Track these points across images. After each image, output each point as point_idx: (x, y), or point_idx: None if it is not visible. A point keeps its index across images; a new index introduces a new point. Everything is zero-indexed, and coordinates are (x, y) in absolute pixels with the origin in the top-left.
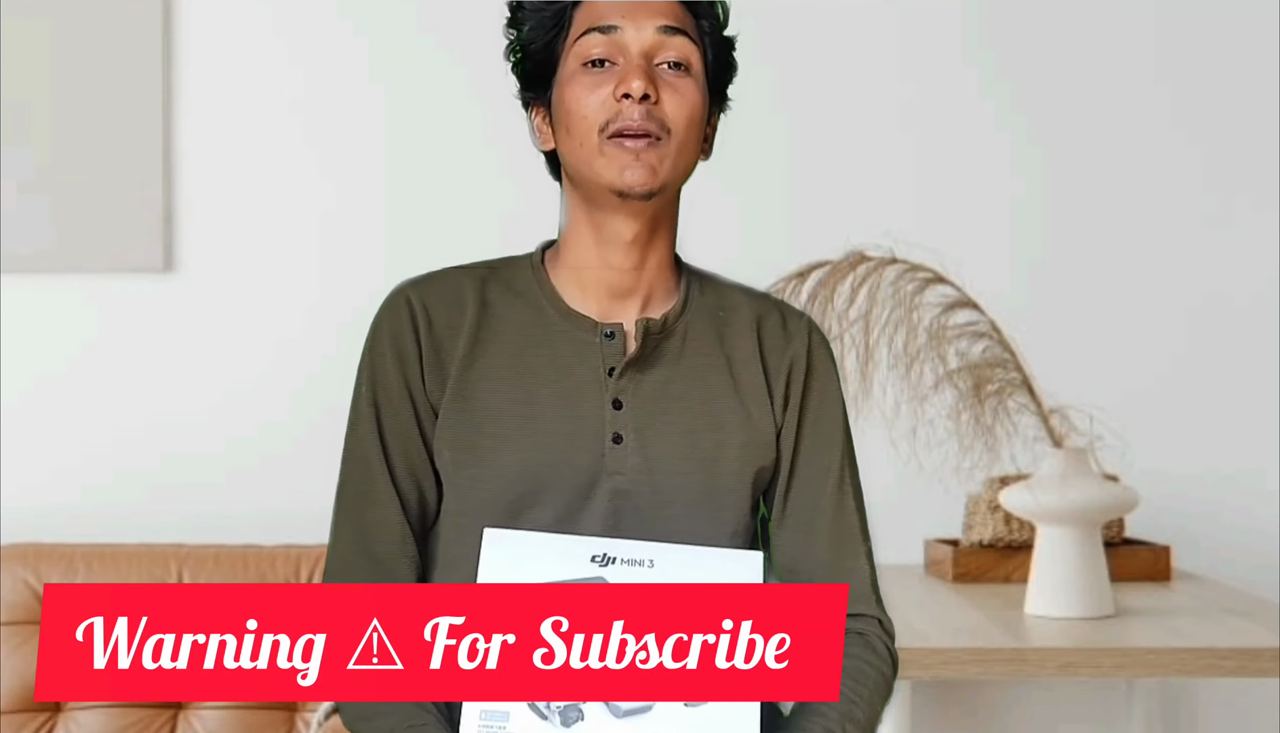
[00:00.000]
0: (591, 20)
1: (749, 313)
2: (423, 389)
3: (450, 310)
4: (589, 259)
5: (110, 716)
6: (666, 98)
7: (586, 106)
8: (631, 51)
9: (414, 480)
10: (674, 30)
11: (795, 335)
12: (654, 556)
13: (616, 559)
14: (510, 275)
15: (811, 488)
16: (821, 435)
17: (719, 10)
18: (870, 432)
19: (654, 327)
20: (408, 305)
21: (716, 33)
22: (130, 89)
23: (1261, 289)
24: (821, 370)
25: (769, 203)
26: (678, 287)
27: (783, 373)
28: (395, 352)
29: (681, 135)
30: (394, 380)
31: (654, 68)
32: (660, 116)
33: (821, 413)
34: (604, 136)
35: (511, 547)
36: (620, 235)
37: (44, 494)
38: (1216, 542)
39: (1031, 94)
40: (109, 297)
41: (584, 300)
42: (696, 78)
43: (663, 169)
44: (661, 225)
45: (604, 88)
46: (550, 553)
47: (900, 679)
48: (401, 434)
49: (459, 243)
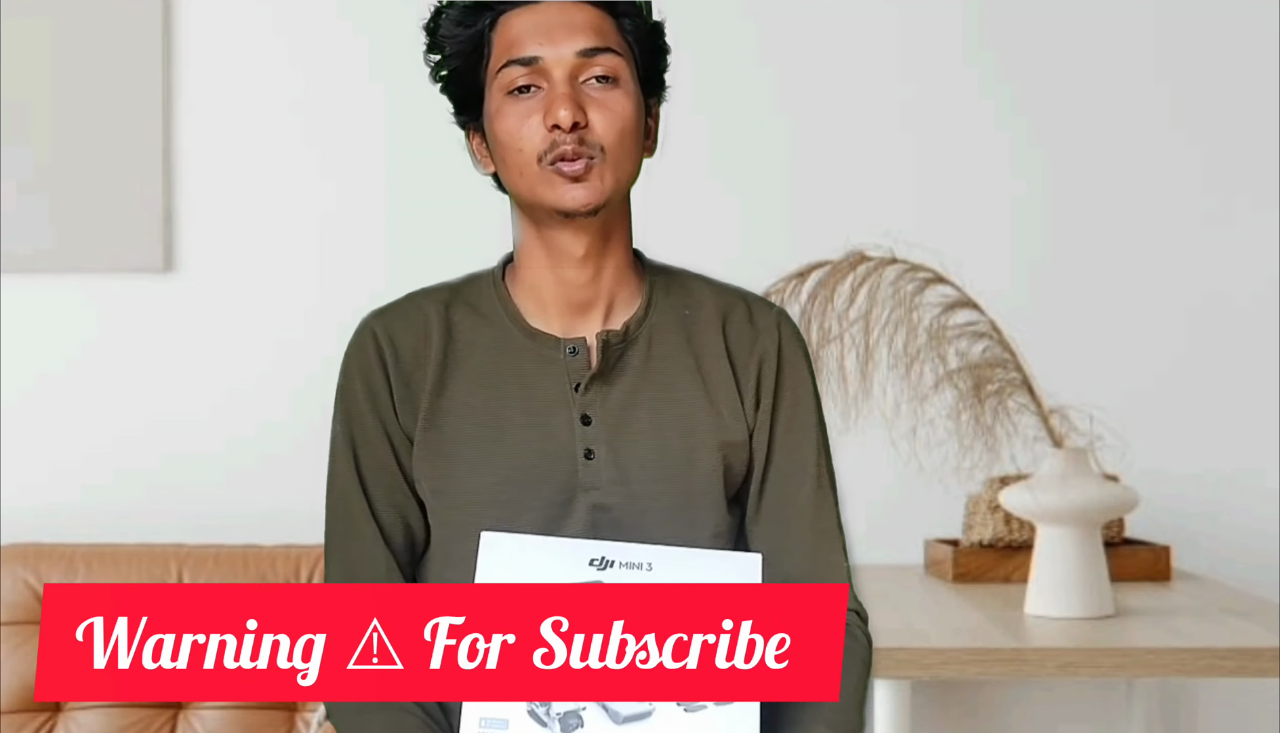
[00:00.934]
0: (510, 51)
1: (714, 309)
2: (396, 423)
3: (416, 340)
4: (544, 277)
5: (110, 716)
6: (596, 118)
7: (520, 140)
8: (555, 77)
9: (397, 513)
10: (596, 50)
11: (764, 331)
12: (652, 559)
13: (615, 563)
14: (473, 296)
15: (788, 486)
16: (796, 433)
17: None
18: (870, 432)
19: (613, 338)
20: (374, 340)
21: (642, 28)
22: (130, 89)
23: (1261, 289)
24: (792, 365)
25: (769, 203)
26: (640, 290)
27: (752, 371)
28: (366, 388)
29: (616, 150)
30: (368, 417)
31: (580, 86)
32: (593, 139)
33: (795, 412)
34: (542, 165)
35: (508, 550)
36: (571, 252)
37: (44, 494)
38: (1216, 542)
39: (1031, 94)
40: (109, 297)
41: (545, 317)
42: (626, 85)
43: (604, 185)
44: (614, 234)
45: (533, 117)
46: (547, 557)
47: (900, 679)
48: (380, 469)
49: (459, 243)
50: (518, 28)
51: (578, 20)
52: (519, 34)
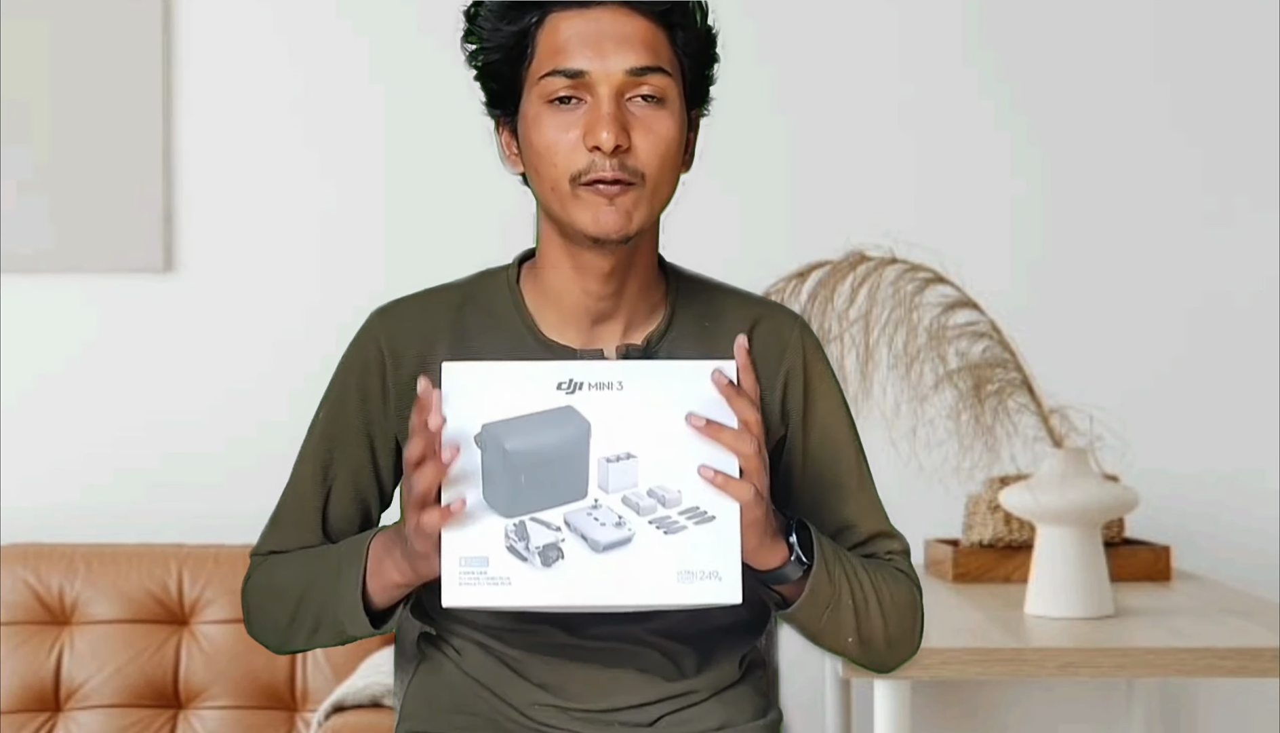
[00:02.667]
0: (556, 58)
1: (738, 321)
2: (386, 429)
3: (423, 346)
4: (567, 286)
5: (110, 716)
6: (639, 141)
7: (556, 153)
8: (600, 93)
9: (359, 508)
10: (646, 70)
11: (790, 346)
12: (622, 376)
13: (584, 384)
14: (488, 298)
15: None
16: (832, 443)
17: (695, 13)
18: (870, 432)
19: (633, 352)
20: (376, 343)
21: (695, 41)
22: (130, 89)
23: (1261, 289)
24: (820, 376)
25: (769, 203)
26: (663, 301)
27: (777, 387)
28: (360, 389)
29: (656, 177)
30: (353, 417)
31: (626, 104)
32: (634, 164)
33: (829, 421)
34: (576, 184)
35: (472, 378)
36: (598, 267)
37: (44, 494)
38: (1216, 542)
39: (1031, 94)
40: (109, 297)
41: (563, 326)
42: (672, 105)
43: (638, 214)
44: (641, 249)
45: (573, 131)
46: (513, 382)
47: (900, 679)
48: (351, 470)
49: (459, 243)
50: (566, 33)
51: (630, 33)
52: (567, 41)
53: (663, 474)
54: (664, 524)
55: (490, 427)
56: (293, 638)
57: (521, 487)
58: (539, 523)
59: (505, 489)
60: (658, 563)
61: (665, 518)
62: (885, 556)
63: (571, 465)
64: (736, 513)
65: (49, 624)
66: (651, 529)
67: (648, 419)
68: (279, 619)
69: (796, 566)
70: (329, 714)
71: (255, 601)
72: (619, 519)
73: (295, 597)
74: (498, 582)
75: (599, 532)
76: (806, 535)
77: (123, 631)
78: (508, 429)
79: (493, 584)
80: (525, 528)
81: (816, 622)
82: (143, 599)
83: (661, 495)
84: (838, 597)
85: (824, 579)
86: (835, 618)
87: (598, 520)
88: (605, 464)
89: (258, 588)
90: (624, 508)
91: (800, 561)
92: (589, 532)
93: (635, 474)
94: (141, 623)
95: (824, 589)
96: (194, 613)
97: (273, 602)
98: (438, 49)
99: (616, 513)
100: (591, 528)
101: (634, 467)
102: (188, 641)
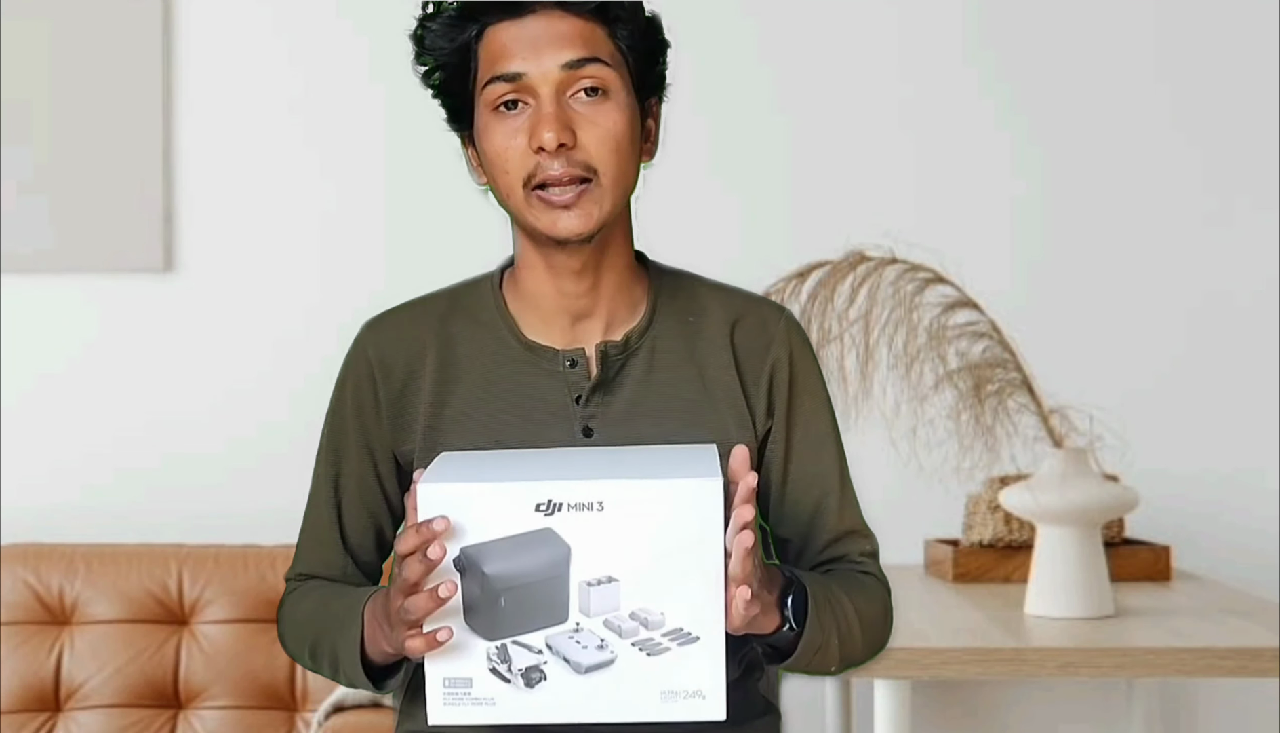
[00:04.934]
0: (494, 65)
1: (721, 316)
2: (384, 441)
3: (411, 357)
4: (544, 289)
5: (110, 716)
6: (585, 136)
7: (506, 161)
8: (541, 94)
9: (371, 521)
10: (582, 61)
11: (775, 340)
12: (602, 497)
13: (562, 505)
14: (472, 304)
15: (811, 492)
16: (814, 440)
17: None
18: (870, 432)
19: (612, 350)
20: (365, 356)
21: (636, 31)
22: (130, 89)
23: (1261, 289)
24: (805, 371)
25: (769, 203)
26: (644, 298)
27: (763, 381)
28: (355, 403)
29: (611, 170)
30: (351, 432)
31: (568, 101)
32: (583, 159)
33: (812, 418)
34: (529, 190)
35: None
36: (569, 266)
37: (44, 494)
38: (1216, 542)
39: (1031, 94)
40: (109, 297)
41: (545, 328)
42: (617, 96)
43: (597, 211)
44: (612, 242)
45: (520, 137)
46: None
47: (900, 679)
48: (357, 485)
49: (459, 243)
50: (503, 40)
51: (564, 31)
52: (504, 47)
53: (645, 597)
54: (647, 646)
55: (469, 550)
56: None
57: (502, 610)
58: (520, 646)
59: (486, 613)
60: (641, 684)
61: (648, 640)
62: (857, 556)
63: (552, 589)
64: (722, 631)
65: (49, 624)
66: (634, 651)
67: (629, 541)
68: (303, 656)
69: (788, 631)
70: (329, 714)
71: (285, 631)
72: (601, 642)
73: (311, 641)
74: (481, 702)
75: (581, 655)
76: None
77: (123, 631)
78: (487, 553)
79: (476, 704)
80: (507, 650)
81: (804, 665)
82: (143, 599)
83: (644, 618)
84: (826, 641)
85: (815, 633)
86: (823, 658)
87: (579, 644)
88: (586, 588)
89: (286, 619)
90: (606, 631)
91: (792, 628)
92: (571, 655)
93: (617, 598)
94: (141, 623)
95: (814, 640)
96: (194, 613)
97: (296, 638)
98: None
99: (599, 636)
100: (573, 651)
101: (615, 590)
102: (188, 641)
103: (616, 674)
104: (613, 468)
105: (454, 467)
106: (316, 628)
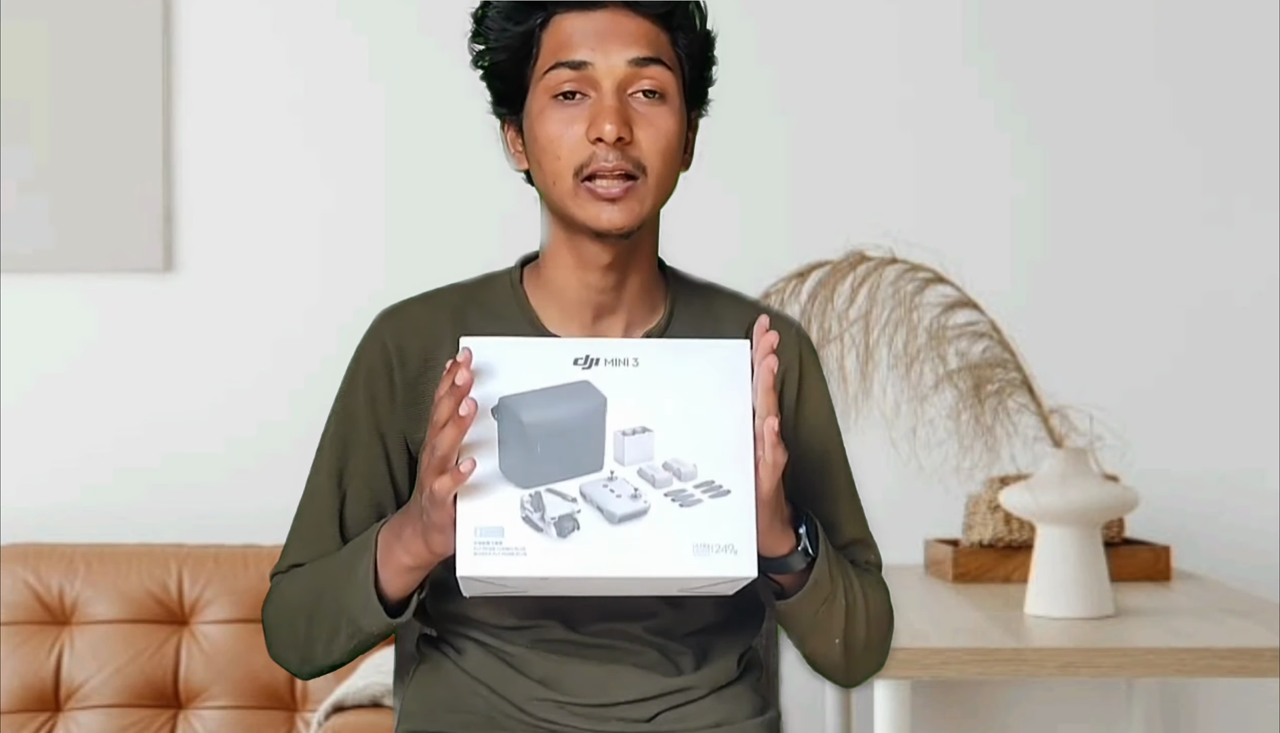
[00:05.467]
0: (560, 52)
1: (734, 323)
2: (396, 429)
3: (426, 346)
4: (569, 281)
5: (110, 716)
6: (641, 134)
7: (560, 147)
8: (604, 87)
9: (375, 512)
10: (647, 61)
11: (786, 347)
12: (638, 354)
13: (600, 360)
14: (489, 298)
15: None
16: (818, 448)
17: (695, 16)
18: (870, 432)
19: None
20: (381, 344)
21: (695, 43)
22: (130, 89)
23: (1261, 289)
24: (812, 380)
25: (769, 203)
26: (663, 300)
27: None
28: (368, 391)
29: (659, 171)
30: (363, 420)
31: (627, 99)
32: (635, 156)
33: (816, 425)
34: (579, 179)
35: (490, 353)
36: (599, 259)
37: (44, 494)
38: (1216, 542)
39: (1031, 94)
40: (109, 297)
41: (565, 322)
42: (672, 101)
43: (641, 208)
44: (641, 245)
45: (576, 126)
46: (531, 357)
47: (900, 679)
48: (365, 474)
49: (459, 243)
50: (570, 29)
51: (632, 29)
52: (571, 36)
53: (678, 448)
54: (680, 497)
55: (507, 399)
56: (311, 651)
57: (537, 458)
58: (555, 494)
59: (521, 461)
60: (673, 535)
61: (681, 491)
62: (864, 565)
63: (587, 438)
64: (752, 488)
65: (49, 624)
66: (667, 502)
67: (663, 394)
68: (296, 633)
69: (801, 556)
70: (329, 714)
71: (273, 619)
72: (635, 491)
73: (310, 604)
74: (513, 552)
75: (615, 503)
76: (812, 529)
77: (123, 631)
78: (524, 402)
79: (508, 554)
80: (541, 499)
81: (811, 616)
82: (143, 599)
83: (677, 469)
84: (834, 594)
85: (825, 573)
86: (828, 615)
87: (613, 493)
88: (621, 437)
89: (274, 606)
90: (640, 481)
91: (806, 552)
92: (605, 503)
93: (651, 448)
94: (141, 623)
95: (824, 584)
96: (194, 613)
97: (289, 616)
98: (438, 49)
99: (632, 485)
100: (607, 500)
101: (650, 440)
102: (188, 641)
103: (649, 525)
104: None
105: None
106: (318, 585)
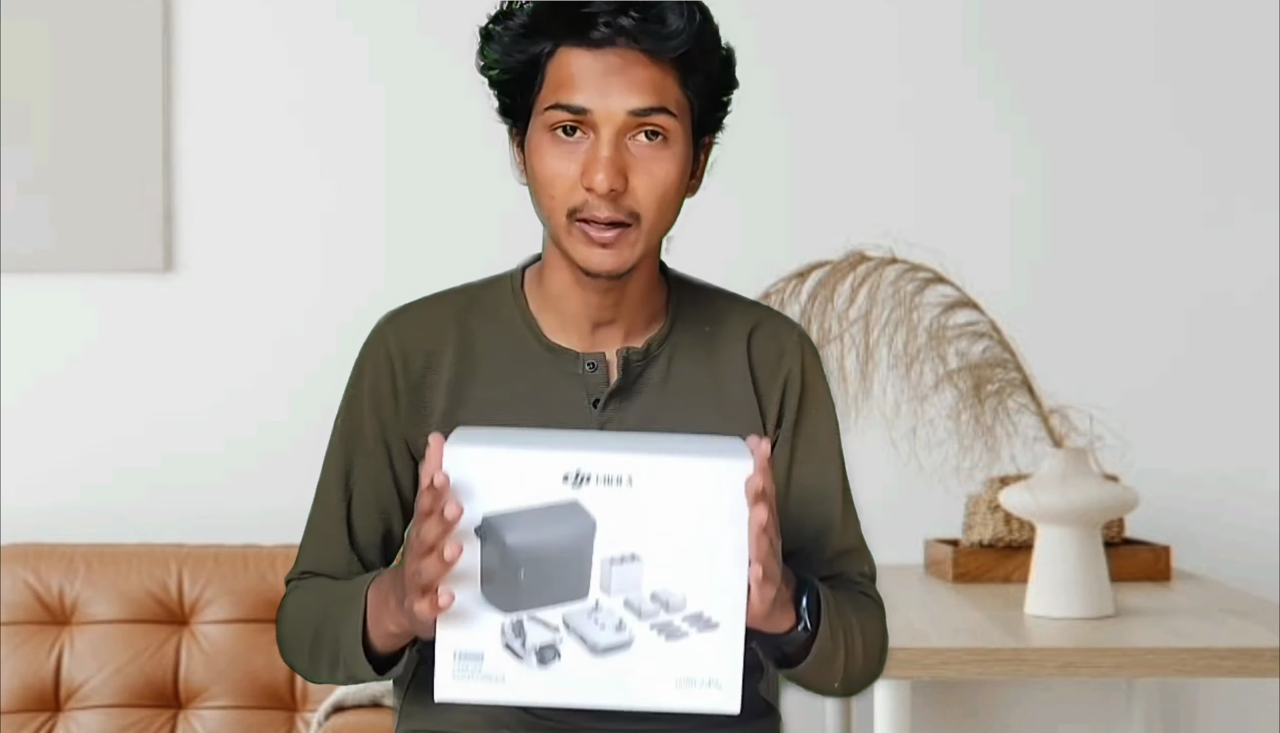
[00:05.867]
0: (560, 92)
1: (739, 326)
2: (399, 433)
3: (430, 348)
4: (569, 294)
5: (110, 716)
6: (637, 182)
7: (554, 187)
8: (602, 134)
9: (382, 519)
10: (649, 111)
11: (788, 351)
12: (633, 472)
13: (591, 477)
14: (492, 302)
15: (812, 504)
16: (819, 454)
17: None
18: (870, 432)
19: (634, 356)
20: (385, 348)
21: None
22: (130, 89)
23: (1261, 289)
24: (815, 385)
25: (769, 203)
26: (665, 306)
27: (776, 391)
28: (372, 394)
29: (652, 218)
30: (368, 424)
31: (626, 143)
32: (629, 205)
33: (818, 432)
34: (572, 219)
35: (476, 466)
36: (595, 284)
37: (44, 494)
38: (1216, 542)
39: (1031, 94)
40: (109, 297)
41: (566, 331)
42: (675, 144)
43: (633, 254)
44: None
45: (573, 166)
46: (519, 472)
47: (900, 679)
48: (371, 479)
49: (459, 243)
50: (574, 68)
51: (637, 77)
52: (574, 76)
53: (667, 577)
54: (665, 630)
55: (492, 519)
56: (317, 675)
57: (521, 583)
58: (537, 622)
59: (504, 584)
60: (656, 668)
61: (667, 623)
62: (856, 576)
63: (574, 564)
64: (742, 619)
65: (49, 624)
66: (652, 634)
67: (655, 519)
68: (301, 655)
69: (802, 632)
70: (329, 714)
71: (283, 633)
72: (619, 622)
73: (311, 637)
74: (492, 679)
75: (598, 635)
76: (814, 596)
77: (123, 631)
78: (510, 522)
79: (486, 681)
80: (523, 626)
81: (810, 675)
82: (143, 599)
83: (665, 600)
84: (834, 653)
85: (826, 642)
86: (829, 670)
87: (597, 623)
88: (609, 565)
89: (285, 620)
90: (625, 611)
91: (806, 627)
92: (588, 634)
93: (639, 577)
94: (141, 623)
95: (825, 649)
96: (194, 613)
97: (295, 636)
98: (438, 49)
99: (617, 616)
100: (590, 630)
101: (638, 570)
102: (188, 641)
103: (632, 657)
104: (643, 446)
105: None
106: (318, 617)
